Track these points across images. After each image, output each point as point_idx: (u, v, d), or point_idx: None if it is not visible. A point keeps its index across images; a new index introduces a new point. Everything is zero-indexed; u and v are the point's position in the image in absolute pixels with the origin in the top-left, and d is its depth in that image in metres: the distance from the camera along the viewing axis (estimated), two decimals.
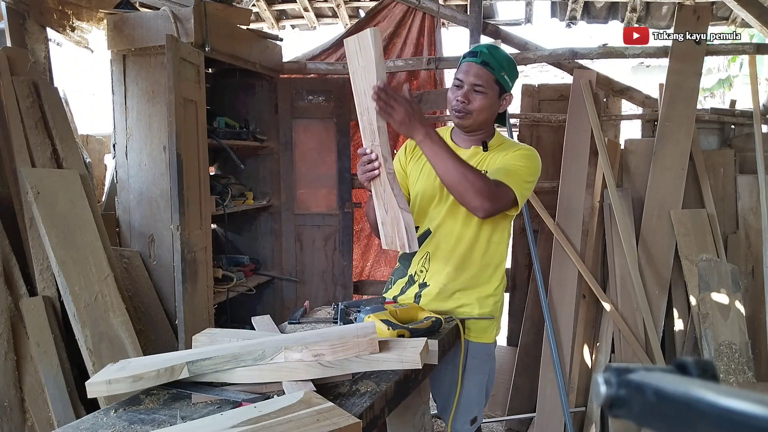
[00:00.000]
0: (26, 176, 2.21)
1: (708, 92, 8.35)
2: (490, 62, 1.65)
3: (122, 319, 2.27)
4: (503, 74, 1.67)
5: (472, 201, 1.52)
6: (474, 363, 1.76)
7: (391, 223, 1.53)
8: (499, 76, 1.66)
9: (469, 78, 1.66)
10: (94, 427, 1.04)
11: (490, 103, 1.68)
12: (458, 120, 1.71)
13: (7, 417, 2.07)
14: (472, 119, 1.69)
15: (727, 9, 3.43)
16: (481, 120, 1.70)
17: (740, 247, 3.09)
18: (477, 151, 1.74)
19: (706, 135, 3.29)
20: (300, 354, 1.16)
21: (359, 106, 1.53)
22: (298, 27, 4.39)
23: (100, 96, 3.90)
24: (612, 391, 0.42)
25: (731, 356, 2.77)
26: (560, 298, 3.01)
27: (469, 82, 1.66)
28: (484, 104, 1.67)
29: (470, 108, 1.67)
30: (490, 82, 1.66)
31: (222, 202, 3.10)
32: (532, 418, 3.08)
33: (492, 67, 1.65)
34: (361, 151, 1.56)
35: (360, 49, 1.47)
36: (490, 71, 1.65)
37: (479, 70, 1.65)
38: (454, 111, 1.69)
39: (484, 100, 1.66)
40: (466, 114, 1.68)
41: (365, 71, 1.47)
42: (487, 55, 1.65)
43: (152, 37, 2.65)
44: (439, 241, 1.74)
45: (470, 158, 1.71)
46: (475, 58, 1.66)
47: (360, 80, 1.50)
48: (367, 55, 1.45)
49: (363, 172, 1.55)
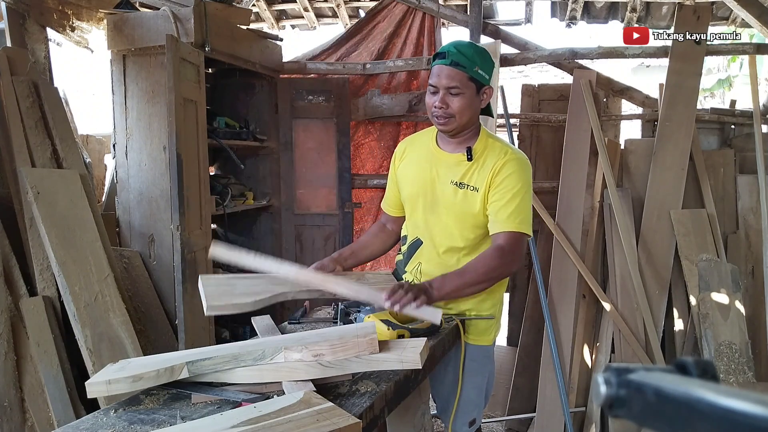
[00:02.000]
0: (26, 176, 2.21)
1: (708, 92, 8.35)
2: (460, 61, 1.58)
3: (122, 319, 2.27)
4: (476, 69, 1.60)
5: (507, 275, 1.72)
6: (473, 365, 1.75)
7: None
8: (473, 72, 1.60)
9: (442, 81, 1.60)
10: (94, 427, 1.04)
11: (469, 103, 1.62)
12: (442, 126, 1.66)
13: (7, 417, 2.07)
14: (455, 122, 1.63)
15: (727, 9, 3.43)
16: (465, 121, 1.65)
17: (740, 247, 3.09)
18: (461, 159, 1.68)
19: (706, 135, 3.29)
20: (300, 354, 1.16)
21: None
22: (298, 27, 4.39)
23: (100, 96, 3.90)
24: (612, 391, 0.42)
25: (731, 356, 2.77)
26: (560, 298, 3.01)
27: (442, 85, 1.60)
28: (463, 104, 1.61)
29: (450, 111, 1.62)
30: (464, 81, 1.60)
31: (222, 202, 3.10)
32: (532, 418, 3.08)
33: (463, 65, 1.58)
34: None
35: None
36: (461, 70, 1.59)
37: (450, 72, 1.59)
38: (435, 118, 1.65)
39: (462, 100, 1.61)
40: (448, 119, 1.63)
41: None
42: (455, 54, 1.59)
43: (152, 37, 2.65)
44: (429, 250, 1.74)
45: (455, 166, 1.68)
46: (444, 60, 1.60)
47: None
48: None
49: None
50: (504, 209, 1.60)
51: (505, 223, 1.60)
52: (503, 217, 1.60)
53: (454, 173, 1.68)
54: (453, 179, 1.68)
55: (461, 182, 1.67)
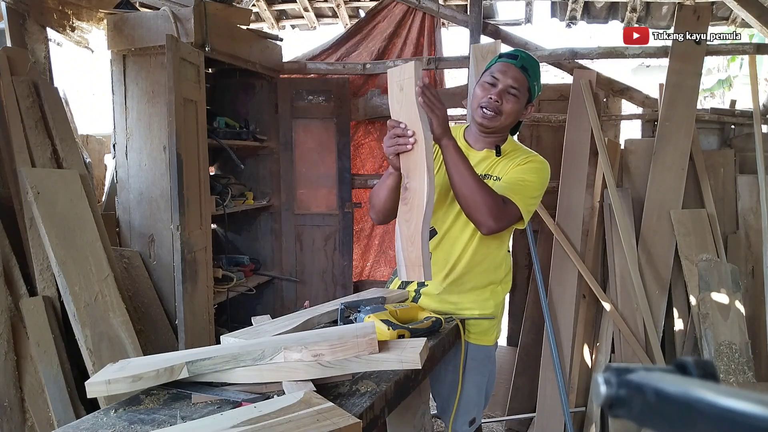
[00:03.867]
0: (26, 176, 2.21)
1: (708, 92, 8.34)
2: (528, 68, 1.63)
3: (122, 319, 2.27)
4: (535, 84, 1.65)
5: (479, 216, 1.51)
6: (473, 365, 1.75)
7: (411, 240, 1.45)
8: (532, 84, 1.64)
9: (507, 79, 1.61)
10: (94, 427, 1.04)
11: (519, 109, 1.65)
12: (485, 120, 1.65)
13: (7, 417, 2.07)
14: (500, 121, 1.64)
15: (727, 9, 3.43)
16: (507, 124, 1.67)
17: (740, 247, 3.09)
18: (489, 154, 1.71)
19: (706, 135, 3.29)
20: (299, 354, 1.16)
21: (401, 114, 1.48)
22: (298, 27, 4.39)
23: (100, 96, 3.90)
24: (612, 391, 0.42)
25: (731, 356, 2.77)
26: (560, 298, 3.01)
27: (506, 83, 1.62)
28: (515, 108, 1.64)
29: (501, 109, 1.63)
30: (524, 87, 1.63)
31: (222, 202, 3.10)
32: (532, 418, 3.08)
33: (529, 73, 1.63)
34: (391, 122, 1.47)
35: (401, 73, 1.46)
36: (526, 77, 1.62)
37: (518, 73, 1.62)
38: (484, 109, 1.64)
39: (516, 104, 1.63)
40: (496, 114, 1.63)
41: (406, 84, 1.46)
42: (526, 60, 1.64)
43: (152, 37, 2.65)
44: (441, 242, 1.74)
45: (482, 161, 1.70)
46: (514, 61, 1.63)
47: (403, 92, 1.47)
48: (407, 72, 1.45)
49: (391, 144, 1.46)
50: (512, 184, 1.59)
51: (509, 192, 1.57)
52: (510, 191, 1.57)
53: (481, 167, 1.69)
54: (479, 172, 1.68)
55: (486, 173, 1.68)
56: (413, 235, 1.44)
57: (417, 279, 1.43)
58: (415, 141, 1.43)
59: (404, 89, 1.46)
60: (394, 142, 1.46)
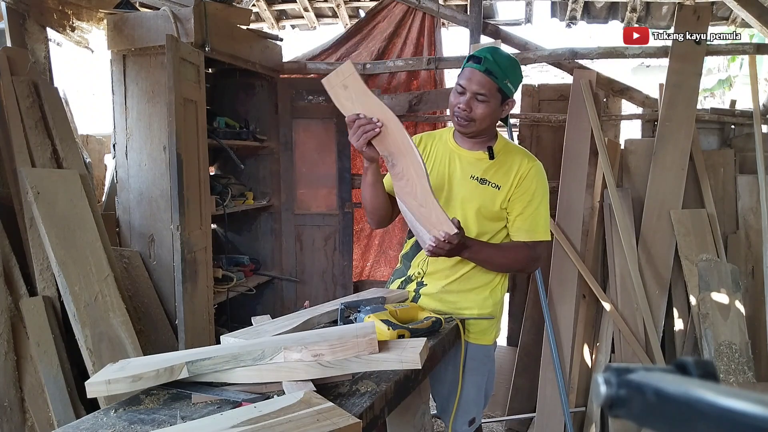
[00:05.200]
0: (26, 176, 2.21)
1: (708, 92, 8.34)
2: (493, 70, 1.59)
3: (122, 319, 2.27)
4: (506, 82, 1.62)
5: (523, 272, 1.88)
6: (473, 364, 1.75)
7: (424, 204, 1.53)
8: (503, 84, 1.62)
9: (472, 86, 1.61)
10: (94, 427, 1.04)
11: (492, 111, 1.64)
12: (460, 128, 1.69)
13: (7, 417, 2.07)
14: (474, 127, 1.66)
15: (727, 9, 3.43)
16: (484, 127, 1.68)
17: (740, 247, 3.09)
18: (482, 157, 1.71)
19: (706, 135, 3.29)
20: (299, 354, 1.16)
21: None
22: (298, 27, 4.39)
23: (100, 96, 3.90)
24: (612, 391, 0.42)
25: (731, 356, 2.77)
26: (560, 298, 3.01)
27: (471, 90, 1.61)
28: (486, 112, 1.63)
29: (472, 116, 1.64)
30: (492, 90, 1.61)
31: (222, 202, 3.10)
32: (532, 418, 3.08)
33: (495, 75, 1.59)
34: (350, 117, 1.54)
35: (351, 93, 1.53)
36: (493, 80, 1.60)
37: (482, 79, 1.60)
38: (456, 118, 1.66)
39: (486, 108, 1.63)
40: (469, 122, 1.65)
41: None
42: (491, 63, 1.59)
43: (152, 37, 2.65)
44: None
45: (475, 164, 1.71)
46: (478, 65, 1.60)
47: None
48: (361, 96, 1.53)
49: (359, 136, 1.53)
50: (532, 218, 1.69)
51: (534, 233, 1.70)
52: (532, 226, 1.69)
53: (475, 169, 1.71)
54: (474, 174, 1.70)
55: (483, 178, 1.70)
56: (424, 199, 1.52)
57: (449, 232, 1.49)
58: (381, 123, 1.51)
59: (349, 86, 1.52)
60: (361, 131, 1.53)
